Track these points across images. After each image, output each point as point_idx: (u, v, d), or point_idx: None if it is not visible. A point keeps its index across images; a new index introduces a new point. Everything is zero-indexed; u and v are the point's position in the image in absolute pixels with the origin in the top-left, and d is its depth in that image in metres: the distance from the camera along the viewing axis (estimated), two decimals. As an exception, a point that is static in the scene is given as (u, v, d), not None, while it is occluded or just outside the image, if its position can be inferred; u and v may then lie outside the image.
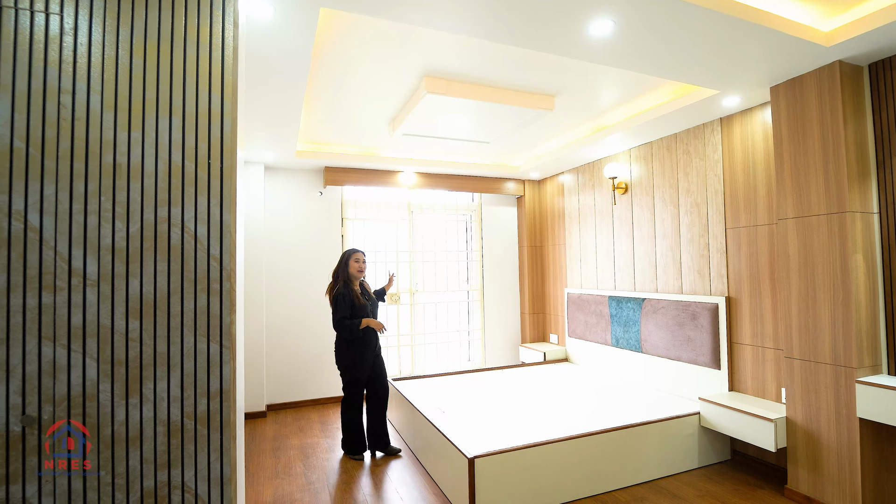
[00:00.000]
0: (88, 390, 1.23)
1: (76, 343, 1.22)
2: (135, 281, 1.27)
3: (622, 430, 2.95)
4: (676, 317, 3.69)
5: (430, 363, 5.52)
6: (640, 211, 4.20)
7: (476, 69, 2.98)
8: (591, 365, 4.76)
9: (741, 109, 3.29)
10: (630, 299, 4.19)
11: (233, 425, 1.34)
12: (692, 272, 3.67)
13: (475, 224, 5.77)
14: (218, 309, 1.34)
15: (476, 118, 3.70)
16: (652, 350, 3.95)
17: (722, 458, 3.29)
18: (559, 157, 4.70)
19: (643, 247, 4.15)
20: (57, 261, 1.21)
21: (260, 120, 3.46)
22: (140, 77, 1.30)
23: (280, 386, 4.83)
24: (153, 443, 1.27)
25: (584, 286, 4.93)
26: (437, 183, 5.29)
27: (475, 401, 3.81)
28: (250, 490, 3.13)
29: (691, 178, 3.69)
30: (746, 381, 3.27)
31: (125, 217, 1.27)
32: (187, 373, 1.31)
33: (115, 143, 1.27)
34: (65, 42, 1.24)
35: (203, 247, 1.33)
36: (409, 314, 5.42)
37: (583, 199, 4.96)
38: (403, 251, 5.41)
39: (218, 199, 1.35)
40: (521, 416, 3.37)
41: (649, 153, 4.10)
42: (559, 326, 5.40)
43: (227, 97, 1.36)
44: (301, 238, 4.94)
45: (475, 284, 5.74)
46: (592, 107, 3.66)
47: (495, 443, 2.84)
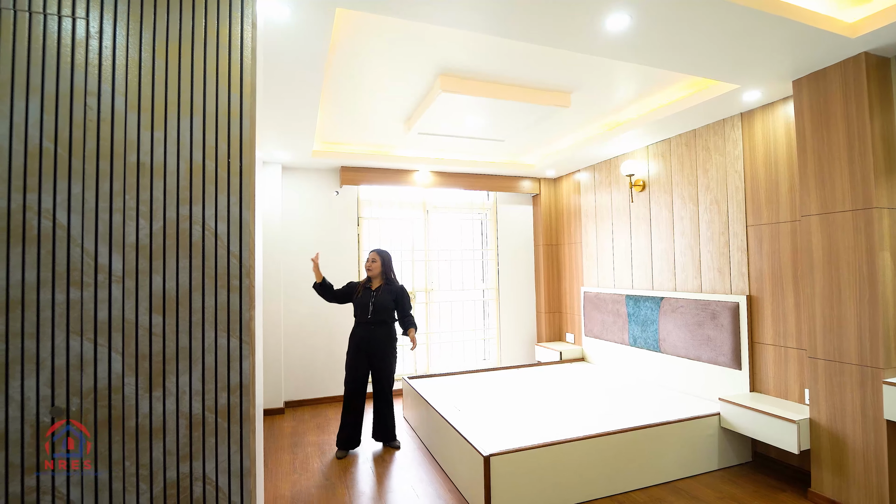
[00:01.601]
0: (114, 383, 1.27)
1: (102, 337, 1.26)
2: (157, 277, 1.31)
3: (640, 431, 2.92)
4: (696, 316, 3.64)
5: (445, 362, 5.53)
6: (658, 208, 4.14)
7: (490, 67, 2.98)
8: (607, 364, 4.72)
9: (762, 104, 3.22)
10: (648, 298, 4.14)
11: (252, 419, 1.37)
12: (712, 270, 3.61)
13: (490, 223, 5.77)
14: (238, 305, 1.36)
15: (491, 116, 3.69)
16: (670, 349, 3.90)
17: (742, 459, 3.23)
18: (575, 155, 4.67)
19: (661, 245, 4.10)
20: (84, 258, 1.25)
21: (277, 120, 3.50)
22: (162, 78, 1.33)
23: (298, 383, 4.89)
24: (175, 435, 1.31)
25: (601, 285, 4.89)
26: (452, 182, 5.30)
27: (491, 399, 3.81)
28: (269, 485, 3.18)
29: (711, 174, 3.63)
30: (768, 381, 3.20)
31: (148, 215, 1.31)
32: (208, 367, 1.34)
33: (139, 142, 1.31)
34: (90, 45, 1.28)
35: (223, 244, 1.36)
36: (424, 313, 5.44)
37: (599, 196, 4.92)
38: (419, 250, 5.43)
39: (237, 197, 1.37)
40: (538, 415, 3.35)
41: (667, 150, 4.05)
42: (575, 325, 5.36)
43: (245, 96, 1.39)
44: (318, 237, 5.00)
45: (490, 283, 5.74)
46: (609, 103, 3.63)
47: (511, 441, 2.83)
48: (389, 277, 3.66)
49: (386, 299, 3.58)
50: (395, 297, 3.61)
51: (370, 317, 3.53)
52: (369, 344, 3.55)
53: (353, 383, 3.54)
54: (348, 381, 3.55)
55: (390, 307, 3.60)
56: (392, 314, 3.63)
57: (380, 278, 3.64)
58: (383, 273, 3.63)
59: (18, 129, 1.22)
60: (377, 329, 3.55)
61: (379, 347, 3.57)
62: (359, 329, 3.57)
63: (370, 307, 3.53)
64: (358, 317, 3.59)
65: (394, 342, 3.65)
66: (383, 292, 3.60)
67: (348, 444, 3.58)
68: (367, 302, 3.55)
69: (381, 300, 3.56)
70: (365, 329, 3.54)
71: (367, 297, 3.57)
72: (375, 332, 3.56)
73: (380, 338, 3.57)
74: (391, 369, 3.63)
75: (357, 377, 3.54)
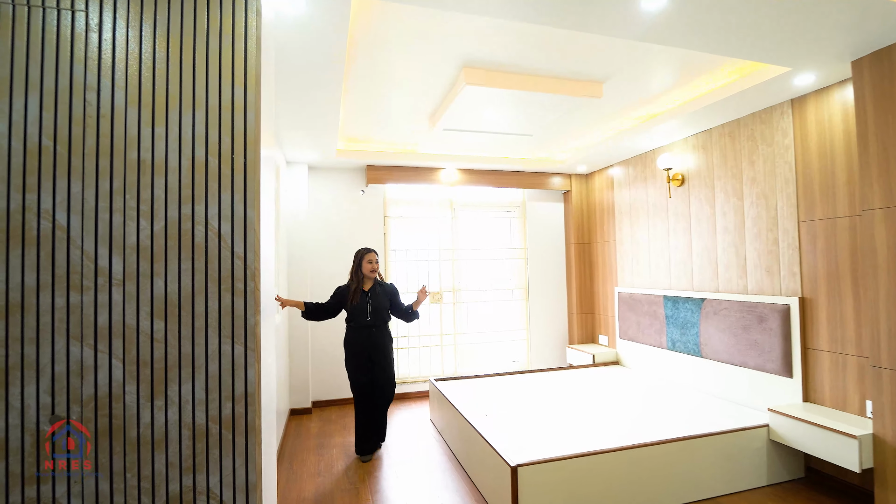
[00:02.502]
0: (115, 391, 1.21)
1: (102, 343, 1.21)
2: (159, 280, 1.24)
3: (680, 442, 2.72)
4: (741, 319, 3.39)
5: (473, 364, 5.41)
6: (698, 204, 3.89)
7: (516, 57, 2.84)
8: (644, 369, 4.48)
9: (816, 88, 2.95)
10: (687, 299, 3.90)
11: (258, 430, 1.29)
12: (759, 270, 3.35)
13: (519, 221, 5.60)
14: (242, 309, 1.29)
15: (518, 109, 3.54)
16: (713, 354, 3.65)
17: (794, 475, 2.97)
18: (608, 149, 4.45)
19: (702, 243, 3.85)
20: (84, 260, 1.20)
21: (300, 119, 3.46)
22: (163, 71, 1.27)
23: (325, 384, 4.87)
24: (178, 446, 1.24)
25: (637, 285, 4.65)
26: (479, 179, 5.17)
27: (520, 404, 3.66)
28: (293, 486, 3.15)
29: (758, 166, 3.37)
30: (823, 391, 2.94)
31: (149, 215, 1.24)
32: (212, 375, 1.27)
33: (139, 139, 1.25)
34: (90, 39, 1.23)
35: (227, 245, 1.29)
36: (451, 313, 5.33)
37: (634, 192, 4.68)
38: (446, 249, 5.33)
39: (242, 196, 1.30)
40: (569, 423, 3.19)
41: (708, 141, 3.79)
42: (609, 327, 5.14)
43: (250, 88, 1.31)
44: (344, 237, 4.96)
45: (520, 283, 5.57)
46: (644, 93, 3.41)
47: (540, 451, 2.69)
48: (380, 277, 3.60)
49: (383, 300, 3.50)
50: (389, 295, 3.55)
51: (369, 319, 3.43)
52: (371, 348, 3.45)
53: (361, 389, 3.46)
54: (357, 389, 3.46)
55: (387, 307, 3.53)
56: (388, 314, 3.57)
57: (372, 280, 3.54)
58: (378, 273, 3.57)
59: (18, 127, 1.18)
60: (377, 331, 3.46)
61: (381, 350, 3.48)
62: (356, 334, 3.46)
63: (368, 310, 3.44)
64: (354, 322, 3.46)
65: (391, 343, 3.60)
66: (378, 293, 3.51)
67: (370, 449, 3.52)
68: (363, 305, 3.44)
69: (377, 302, 3.47)
70: (364, 333, 3.44)
71: (364, 301, 3.45)
72: (375, 335, 3.46)
73: (381, 340, 3.49)
74: (393, 371, 3.57)
75: (364, 383, 3.46)
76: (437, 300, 5.27)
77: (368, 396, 3.47)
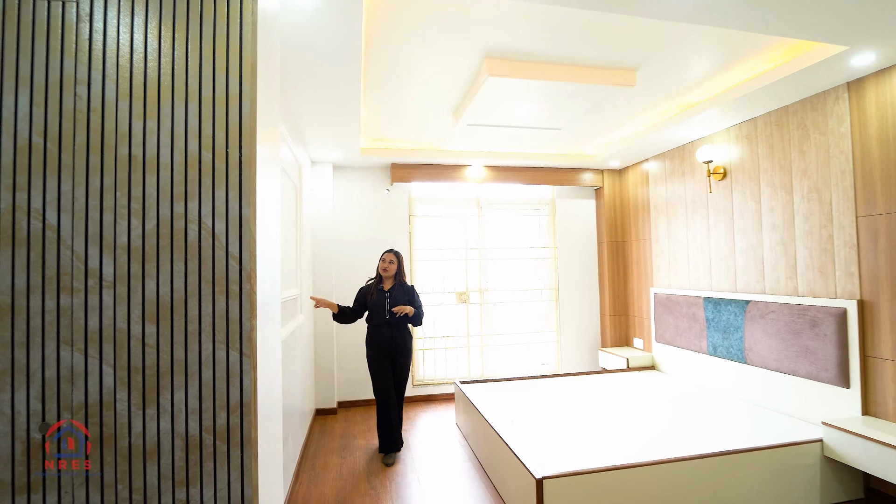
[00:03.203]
0: (105, 398, 1.15)
1: (93, 348, 1.15)
2: (150, 282, 1.18)
3: (723, 457, 2.51)
4: (791, 323, 3.12)
5: (500, 366, 5.26)
6: (742, 199, 3.62)
7: (542, 46, 2.68)
8: (682, 375, 4.23)
9: (877, 69, 2.67)
10: (730, 301, 3.63)
11: (254, 442, 1.21)
12: (811, 270, 3.07)
13: (549, 219, 5.41)
14: (237, 313, 1.21)
15: (545, 101, 3.38)
16: (758, 361, 3.38)
17: (852, 496, 2.70)
18: (642, 142, 4.22)
19: (746, 240, 3.58)
20: (74, 261, 1.15)
21: (320, 117, 3.41)
22: (155, 62, 1.20)
23: (350, 384, 4.83)
24: (171, 458, 1.18)
25: (674, 286, 4.40)
26: (506, 176, 5.01)
27: (548, 410, 3.50)
28: (314, 489, 3.10)
29: (809, 157, 3.09)
30: (886, 403, 2.65)
31: (140, 213, 1.18)
32: (206, 383, 1.19)
33: (131, 133, 1.19)
34: (80, 30, 1.18)
35: (221, 244, 1.21)
36: (478, 314, 5.20)
37: (671, 187, 4.42)
38: (472, 248, 5.20)
39: (236, 192, 1.22)
40: (600, 431, 3.01)
41: (753, 131, 3.52)
42: (644, 330, 4.88)
43: (245, 77, 1.23)
44: (369, 237, 4.91)
45: (549, 283, 5.38)
46: (681, 80, 3.19)
47: (569, 462, 2.53)
48: (401, 278, 3.61)
49: (401, 299, 3.51)
50: (408, 296, 3.55)
51: (388, 317, 3.46)
52: (391, 344, 3.49)
53: (384, 386, 3.49)
54: (378, 387, 3.50)
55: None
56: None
57: (393, 279, 3.58)
58: (397, 274, 3.59)
59: (8, 124, 1.14)
60: (396, 328, 3.49)
61: (400, 347, 3.52)
62: (377, 331, 3.50)
63: (386, 308, 3.47)
64: (373, 319, 3.52)
65: (411, 341, 3.63)
66: (397, 293, 3.53)
67: (393, 447, 3.51)
68: (382, 303, 3.49)
69: (396, 300, 3.49)
70: (384, 330, 3.48)
71: (382, 299, 3.50)
72: (395, 332, 3.50)
73: (400, 337, 3.52)
74: (408, 370, 3.62)
75: (387, 380, 3.50)
76: (464, 301, 5.15)
77: (390, 394, 3.49)
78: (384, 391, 3.47)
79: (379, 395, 3.50)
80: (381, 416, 3.51)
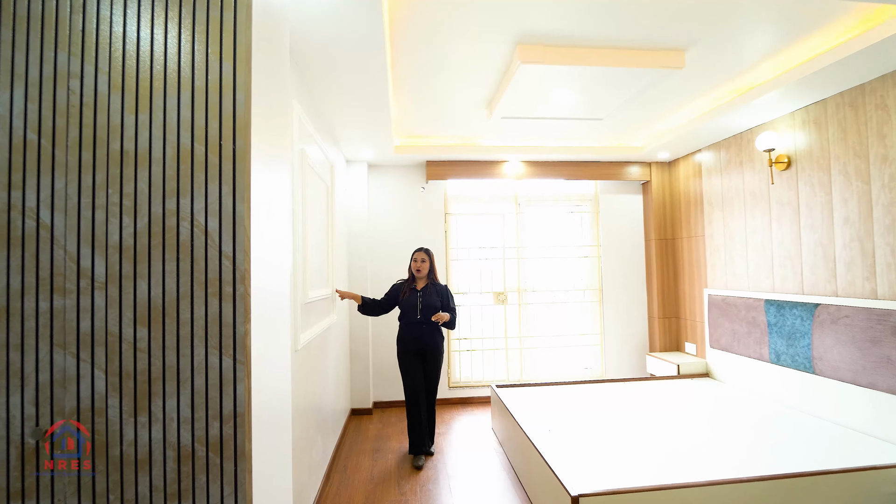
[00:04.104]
0: (97, 404, 1.11)
1: (85, 352, 1.11)
2: (143, 283, 1.12)
3: (787, 480, 2.23)
4: (868, 329, 2.75)
5: (540, 370, 5.05)
6: (809, 190, 3.26)
7: (579, 27, 2.49)
8: (740, 384, 3.87)
9: (979, 34, 2.28)
10: (796, 304, 3.28)
11: (248, 455, 1.13)
12: (893, 270, 2.70)
13: (592, 216, 5.14)
14: (231, 316, 1.13)
15: (583, 89, 3.16)
16: (829, 371, 3.02)
17: (948, 531, 2.33)
18: (693, 131, 3.89)
19: (815, 236, 3.21)
20: (67, 261, 1.11)
21: (349, 114, 3.36)
22: (147, 51, 1.15)
23: (386, 384, 4.79)
24: (163, 469, 1.11)
25: (731, 286, 4.04)
26: (546, 172, 4.80)
27: (589, 419, 3.28)
28: (343, 491, 3.05)
29: (890, 141, 2.72)
30: None
31: (132, 211, 1.13)
32: (198, 390, 1.12)
33: (123, 127, 1.13)
34: (73, 21, 1.14)
35: (214, 243, 1.14)
36: (517, 315, 5.01)
37: (727, 180, 4.07)
38: (510, 247, 5.02)
39: (230, 187, 1.14)
40: (646, 445, 2.77)
41: (822, 114, 3.15)
42: (697, 334, 4.53)
43: (240, 64, 1.15)
44: (404, 236, 4.84)
45: (593, 283, 5.11)
46: (736, 60, 2.89)
47: (609, 478, 2.32)
48: (434, 277, 3.54)
49: (433, 299, 3.43)
50: (441, 296, 3.47)
51: (419, 317, 3.39)
52: (421, 343, 3.41)
53: (414, 386, 3.42)
54: (409, 386, 3.44)
55: (438, 306, 3.43)
56: None
57: (426, 278, 3.51)
58: (430, 273, 3.52)
59: (3, 121, 1.11)
60: (427, 328, 3.41)
61: (431, 347, 3.43)
62: (408, 330, 3.45)
63: (418, 307, 3.40)
64: (405, 318, 3.47)
65: (443, 341, 3.53)
66: (430, 292, 3.46)
67: (422, 449, 3.43)
68: (413, 303, 3.42)
69: (428, 300, 3.41)
70: (415, 329, 3.41)
71: (414, 298, 3.44)
72: (426, 332, 3.41)
73: (431, 338, 3.44)
74: (439, 371, 3.52)
75: (417, 380, 3.42)
76: (502, 302, 4.98)
77: (420, 395, 3.42)
78: (414, 392, 3.42)
79: (409, 395, 3.45)
80: (410, 417, 3.45)
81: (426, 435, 3.48)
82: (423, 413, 3.43)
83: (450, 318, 3.41)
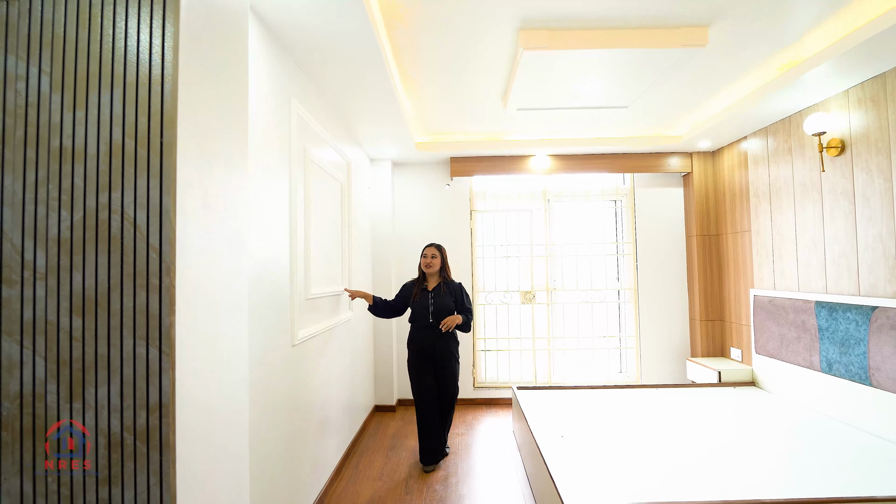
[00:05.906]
0: (38, 390, 1.16)
1: (28, 340, 1.16)
2: (77, 274, 1.16)
3: (828, 505, 1.97)
4: (932, 337, 2.38)
5: (570, 372, 4.84)
6: (866, 178, 2.88)
7: (586, 7, 2.34)
8: (788, 395, 3.50)
9: None
10: (850, 307, 2.91)
11: (172, 446, 1.13)
12: (964, 267, 2.31)
13: (627, 210, 4.86)
14: (157, 308, 1.15)
15: (599, 76, 2.99)
16: (889, 384, 2.65)
17: None
18: (738, 116, 3.56)
19: (873, 231, 2.83)
20: (13, 254, 1.17)
21: (362, 111, 3.36)
22: (84, 50, 1.19)
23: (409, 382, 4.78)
24: (95, 455, 1.15)
25: (779, 287, 3.66)
26: (576, 165, 4.60)
27: (611, 426, 3.08)
28: (351, 487, 3.07)
29: (961, 116, 2.33)
30: None
31: (69, 205, 1.17)
32: (127, 380, 1.15)
33: (62, 125, 1.18)
34: (20, 27, 1.20)
35: (142, 236, 1.16)
36: (545, 315, 4.84)
37: (774, 169, 3.69)
38: (539, 245, 4.85)
39: (157, 180, 1.16)
40: (667, 458, 2.56)
41: (880, 90, 2.77)
42: (743, 339, 4.16)
43: (167, 54, 1.16)
44: (429, 233, 4.82)
45: (627, 283, 4.83)
46: (776, 33, 2.60)
47: (619, 493, 2.15)
48: (447, 275, 3.33)
49: (446, 300, 3.22)
50: (454, 296, 3.27)
51: (431, 321, 3.20)
52: (432, 350, 3.21)
53: (423, 392, 3.23)
54: (417, 393, 3.25)
55: (451, 308, 3.22)
56: None
57: (437, 276, 3.31)
58: (441, 270, 3.31)
59: (-38, 122, 1.19)
60: (439, 333, 3.20)
61: (443, 353, 3.22)
62: (418, 335, 3.26)
63: (430, 310, 3.20)
64: (416, 321, 3.28)
65: (457, 346, 3.32)
66: (442, 292, 3.25)
67: (433, 458, 3.28)
68: (425, 305, 3.22)
69: (440, 301, 3.21)
70: (426, 334, 3.22)
71: (425, 300, 3.24)
72: (438, 337, 3.21)
73: (443, 342, 3.22)
74: (455, 377, 3.30)
75: (426, 386, 3.23)
76: (529, 301, 4.82)
77: (430, 401, 3.24)
78: (422, 398, 3.23)
79: (419, 404, 3.26)
80: (421, 426, 3.28)
81: (437, 444, 3.28)
82: (435, 421, 3.25)
83: (463, 320, 3.21)
